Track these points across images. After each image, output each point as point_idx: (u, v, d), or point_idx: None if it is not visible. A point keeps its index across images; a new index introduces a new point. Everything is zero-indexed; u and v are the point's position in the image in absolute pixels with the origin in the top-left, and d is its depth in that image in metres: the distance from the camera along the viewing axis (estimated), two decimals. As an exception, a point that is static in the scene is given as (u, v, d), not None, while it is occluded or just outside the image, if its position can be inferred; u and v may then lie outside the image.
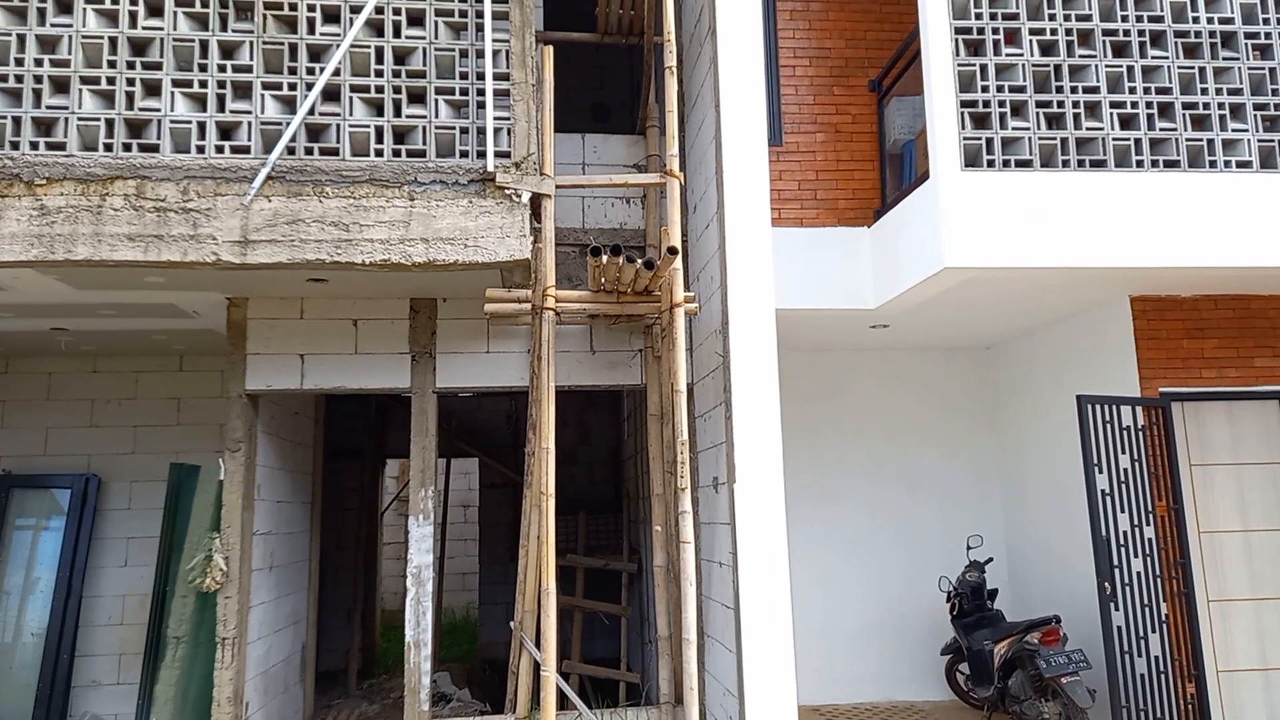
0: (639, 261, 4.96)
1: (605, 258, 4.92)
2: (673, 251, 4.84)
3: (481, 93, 5.07)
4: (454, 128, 5.04)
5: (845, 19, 6.51)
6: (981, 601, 6.73)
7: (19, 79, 4.75)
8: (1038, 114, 5.33)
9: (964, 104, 5.25)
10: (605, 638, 9.06)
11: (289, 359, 5.89)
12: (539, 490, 5.07)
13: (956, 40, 5.29)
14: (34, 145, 4.71)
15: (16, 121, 4.72)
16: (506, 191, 5.03)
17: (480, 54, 5.09)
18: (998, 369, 7.82)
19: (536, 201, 5.17)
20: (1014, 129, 5.29)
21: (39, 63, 4.76)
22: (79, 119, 4.75)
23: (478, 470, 11.45)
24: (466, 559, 13.50)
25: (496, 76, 5.08)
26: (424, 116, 5.03)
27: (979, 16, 5.35)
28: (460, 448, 10.23)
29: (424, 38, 5.08)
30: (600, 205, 6.42)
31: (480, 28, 5.11)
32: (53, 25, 4.81)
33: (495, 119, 5.04)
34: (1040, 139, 5.29)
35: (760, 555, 4.83)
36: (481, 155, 5.04)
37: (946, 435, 7.77)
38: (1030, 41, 5.37)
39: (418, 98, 5.06)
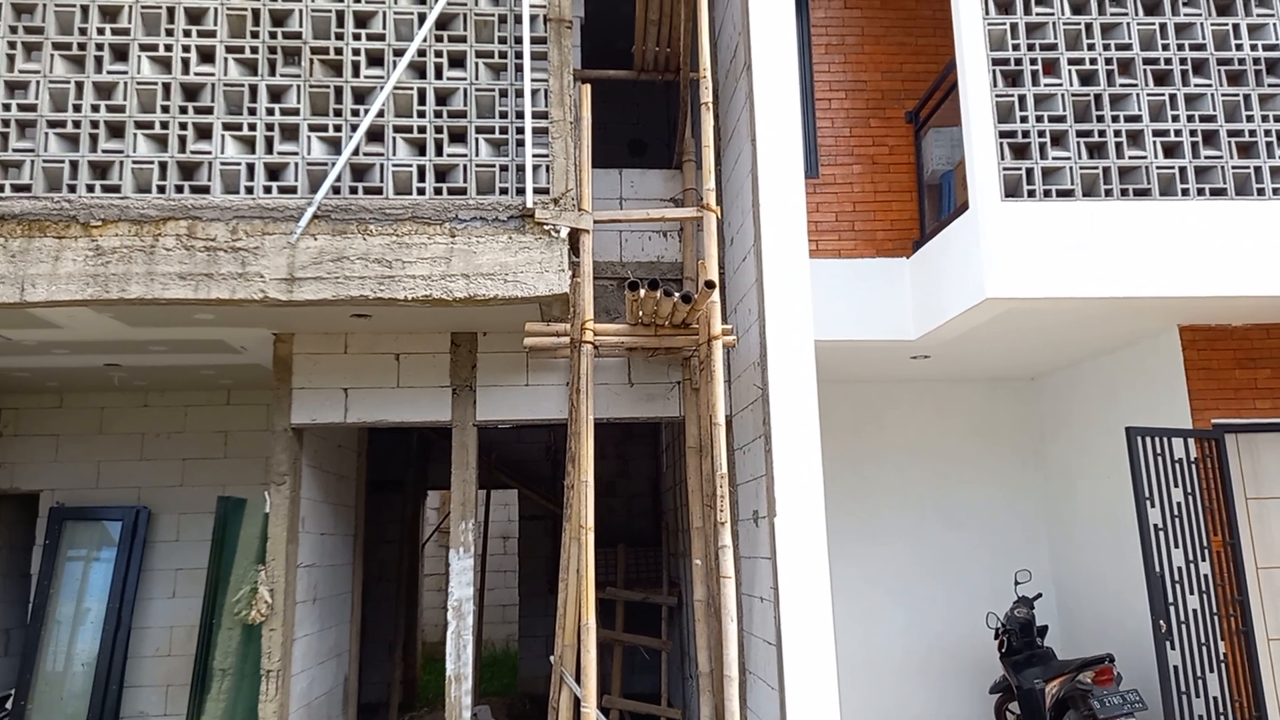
0: (676, 295, 4.98)
1: (643, 292, 4.95)
2: (710, 285, 4.86)
3: (521, 131, 5.16)
4: (494, 165, 5.13)
5: (881, 52, 6.53)
6: (1031, 638, 6.56)
7: (76, 124, 4.93)
8: (1079, 143, 5.27)
9: (1003, 134, 5.22)
10: (645, 672, 8.98)
11: (333, 393, 5.99)
12: (578, 523, 5.07)
13: (994, 71, 5.28)
14: (90, 188, 4.88)
15: (74, 165, 4.90)
16: (545, 227, 5.10)
17: (520, 93, 5.19)
18: (1043, 400, 7.69)
19: (575, 236, 5.23)
20: (1055, 159, 5.24)
21: (95, 108, 4.95)
22: (133, 162, 4.92)
23: (517, 502, 11.48)
24: (506, 590, 13.50)
25: (535, 115, 5.17)
26: (465, 155, 5.13)
27: (1016, 48, 5.34)
28: (500, 479, 10.28)
29: (465, 79, 5.19)
30: (638, 239, 6.47)
31: (520, 68, 5.21)
32: (109, 72, 5.00)
33: (534, 156, 5.12)
34: (1082, 168, 5.23)
35: (802, 590, 4.77)
36: (521, 192, 5.12)
37: (990, 468, 7.63)
38: (1070, 71, 5.34)
39: (459, 137, 5.16)
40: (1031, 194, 5.17)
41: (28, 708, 7.04)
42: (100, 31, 5.00)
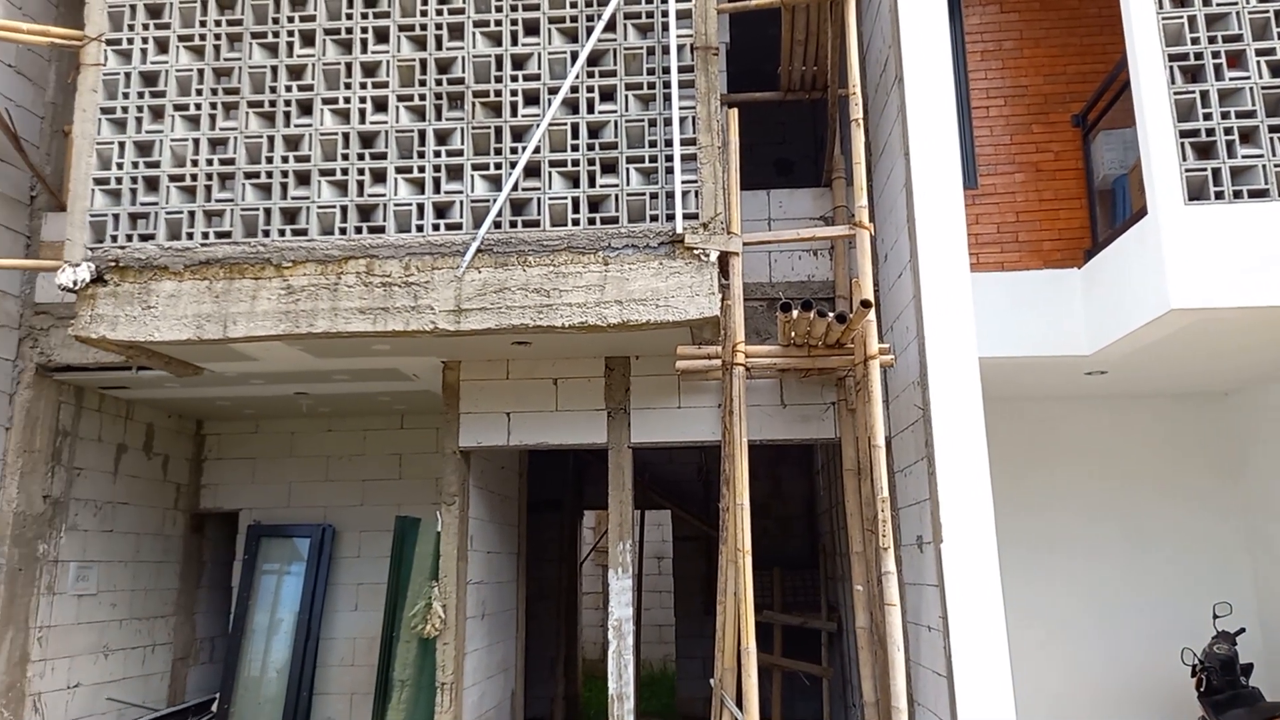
0: (831, 315, 4.91)
1: (796, 313, 4.92)
2: (866, 305, 4.76)
3: (670, 158, 5.25)
4: (644, 193, 5.24)
5: (1042, 55, 6.23)
6: (1234, 677, 5.99)
7: (269, 174, 5.42)
8: (1271, 140, 4.84)
9: (1184, 134, 4.85)
10: (806, 699, 8.80)
11: (496, 417, 6.26)
12: (735, 546, 5.06)
13: (1171, 68, 4.92)
14: (281, 232, 5.34)
15: (267, 212, 5.37)
16: (695, 251, 5.16)
17: (668, 122, 5.29)
18: (1239, 417, 7.04)
19: (724, 259, 5.26)
20: (1244, 158, 4.82)
21: (285, 159, 5.42)
22: (318, 207, 5.35)
23: (670, 522, 11.56)
24: (662, 611, 13.59)
25: (684, 142, 5.25)
26: (616, 185, 5.27)
27: (1195, 41, 4.96)
28: (654, 500, 10.39)
29: (615, 111, 5.34)
30: (787, 258, 6.43)
31: (668, 97, 5.32)
32: (296, 125, 5.46)
33: (683, 182, 5.20)
34: (1276, 167, 4.79)
35: (974, 620, 4.56)
36: (670, 218, 5.21)
37: (1180, 490, 7.04)
38: (1258, 63, 4.91)
39: (610, 167, 5.31)
40: (1219, 196, 4.78)
41: (230, 710, 7.69)
42: (288, 89, 5.48)
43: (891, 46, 5.53)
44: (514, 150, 5.34)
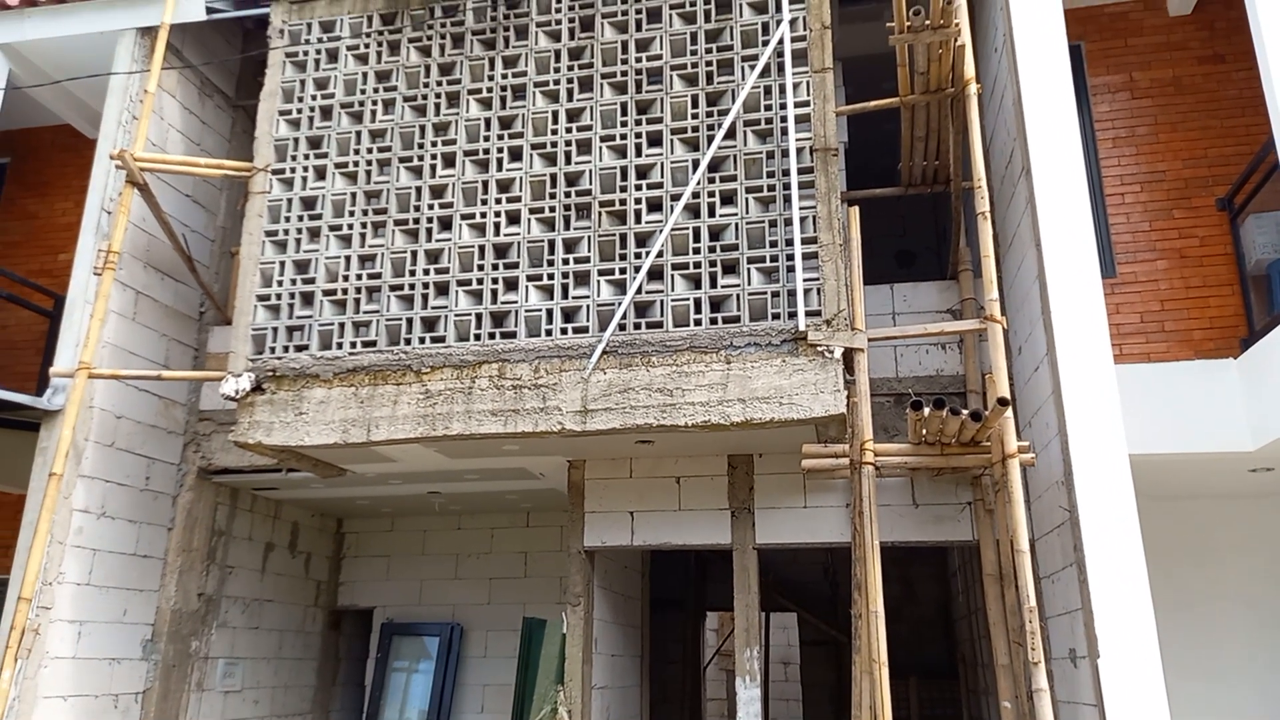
0: (965, 413, 4.75)
1: (927, 410, 4.78)
2: (1003, 403, 4.59)
3: (791, 257, 5.30)
4: (765, 292, 5.29)
5: (1179, 139, 6.03)
6: None
7: (411, 286, 5.76)
8: None
9: (1345, 213, 4.57)
10: (949, 824, 8.15)
11: (620, 516, 6.28)
12: (870, 656, 4.83)
13: (1325, 145, 4.68)
14: (421, 340, 5.64)
15: (409, 321, 5.69)
16: (818, 348, 5.13)
17: (789, 222, 5.36)
18: None
19: (849, 355, 5.20)
20: None
21: (426, 271, 5.76)
22: (455, 315, 5.63)
23: (796, 625, 11.15)
24: (789, 720, 12.99)
25: (805, 241, 5.29)
26: (737, 285, 5.34)
27: (1352, 116, 4.71)
28: (779, 602, 10.08)
29: (735, 214, 5.46)
30: (914, 353, 6.29)
31: (788, 199, 5.40)
32: (437, 240, 5.82)
33: (805, 280, 5.22)
34: None
35: (1138, 745, 4.17)
36: (792, 315, 5.22)
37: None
38: None
39: (731, 268, 5.40)
40: (1393, 278, 4.43)
41: (361, 807, 7.74)
42: (430, 207, 5.87)
43: (1017, 139, 5.47)
44: (638, 255, 5.51)
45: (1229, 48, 6.18)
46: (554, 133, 5.79)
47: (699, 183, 5.52)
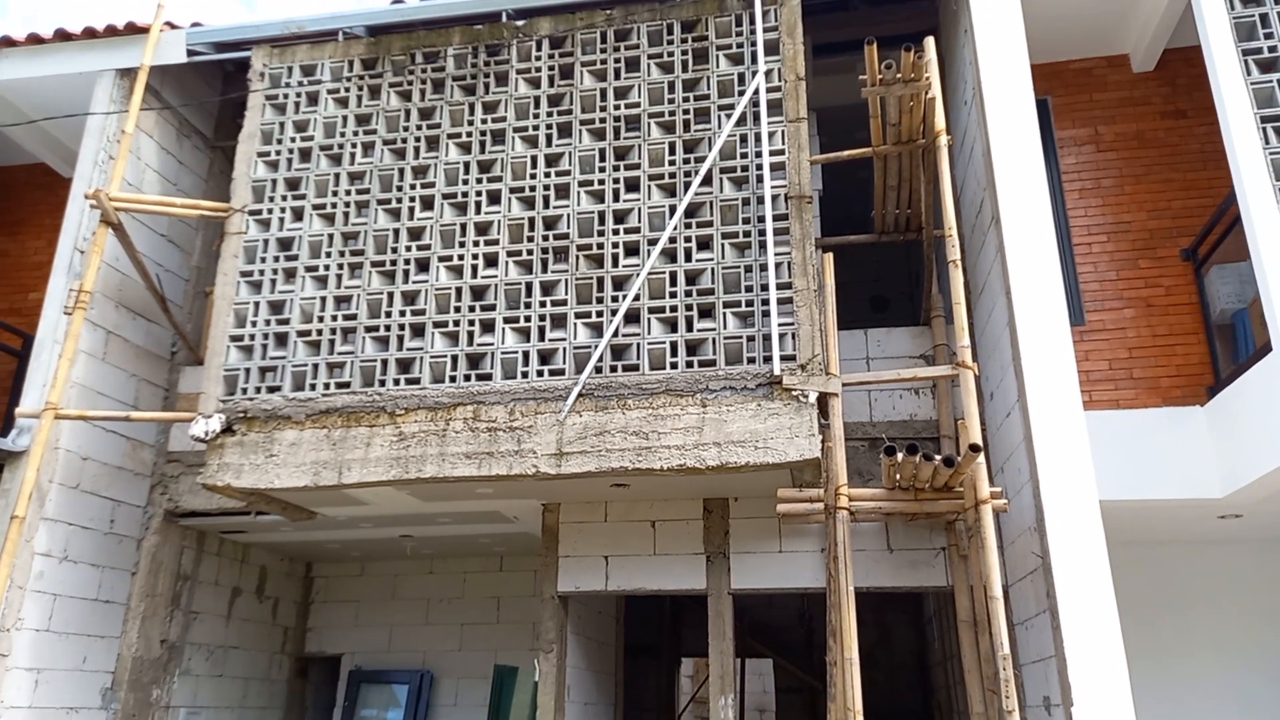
0: (938, 459, 4.78)
1: (901, 456, 4.81)
2: (975, 449, 4.62)
3: (766, 303, 5.35)
4: (741, 336, 5.32)
5: (1144, 191, 6.18)
6: None
7: (387, 328, 5.74)
8: (1405, 267, 4.61)
9: (1304, 265, 4.68)
10: None
11: (595, 560, 6.22)
12: (844, 705, 4.79)
13: (1283, 199, 4.81)
14: (396, 381, 5.60)
15: (384, 363, 5.66)
16: (793, 393, 5.16)
17: (764, 267, 5.42)
18: (1404, 564, 6.39)
19: (823, 400, 5.23)
20: (1375, 286, 4.60)
21: (403, 313, 5.75)
22: (431, 357, 5.61)
23: (772, 671, 11.03)
24: (765, 769, 12.77)
25: (779, 286, 5.35)
26: (713, 329, 5.38)
27: (1307, 172, 4.86)
28: (755, 648, 9.98)
29: (712, 259, 5.52)
30: (888, 398, 6.34)
31: (763, 244, 5.46)
32: (413, 282, 5.81)
33: (780, 325, 5.27)
34: None
35: (1113, 795, 4.14)
36: (768, 360, 5.25)
37: (1342, 644, 6.35)
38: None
39: (707, 312, 5.43)
40: (1351, 328, 4.54)
41: None
42: (408, 249, 5.87)
43: (987, 189, 5.59)
44: (615, 298, 5.53)
45: (1190, 103, 6.36)
46: (533, 177, 5.85)
47: (676, 228, 5.57)
